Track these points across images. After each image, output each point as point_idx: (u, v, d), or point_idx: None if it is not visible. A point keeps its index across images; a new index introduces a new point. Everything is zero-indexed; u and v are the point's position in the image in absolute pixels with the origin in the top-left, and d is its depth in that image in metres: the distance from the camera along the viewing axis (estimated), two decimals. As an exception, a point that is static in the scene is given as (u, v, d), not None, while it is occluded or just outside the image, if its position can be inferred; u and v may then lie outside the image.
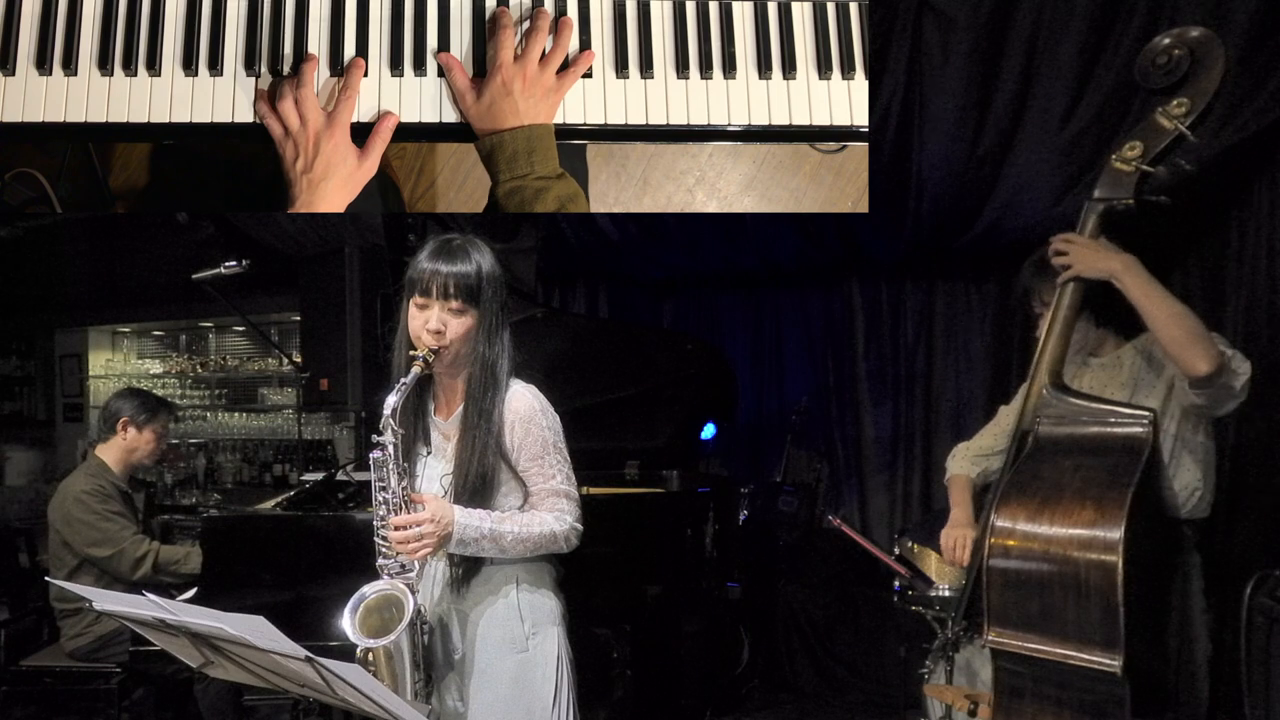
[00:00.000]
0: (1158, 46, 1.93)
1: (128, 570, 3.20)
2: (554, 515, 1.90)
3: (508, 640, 1.90)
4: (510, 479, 1.92)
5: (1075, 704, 1.74)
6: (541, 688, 1.90)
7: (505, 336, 1.94)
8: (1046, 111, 3.29)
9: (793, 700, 4.34)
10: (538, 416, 1.92)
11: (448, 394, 1.98)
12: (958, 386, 4.90)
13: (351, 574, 2.65)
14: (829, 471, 5.17)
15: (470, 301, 1.87)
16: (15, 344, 7.10)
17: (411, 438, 1.95)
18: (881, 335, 5.08)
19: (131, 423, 3.43)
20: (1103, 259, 1.98)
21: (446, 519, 1.80)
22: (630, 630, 3.53)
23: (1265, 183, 3.25)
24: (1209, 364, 1.92)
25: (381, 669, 1.78)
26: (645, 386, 3.86)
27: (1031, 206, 3.58)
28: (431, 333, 1.86)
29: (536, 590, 1.94)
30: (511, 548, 1.86)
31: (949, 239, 4.12)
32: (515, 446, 1.90)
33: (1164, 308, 1.96)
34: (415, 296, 1.88)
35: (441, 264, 1.86)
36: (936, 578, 2.73)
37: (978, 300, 4.86)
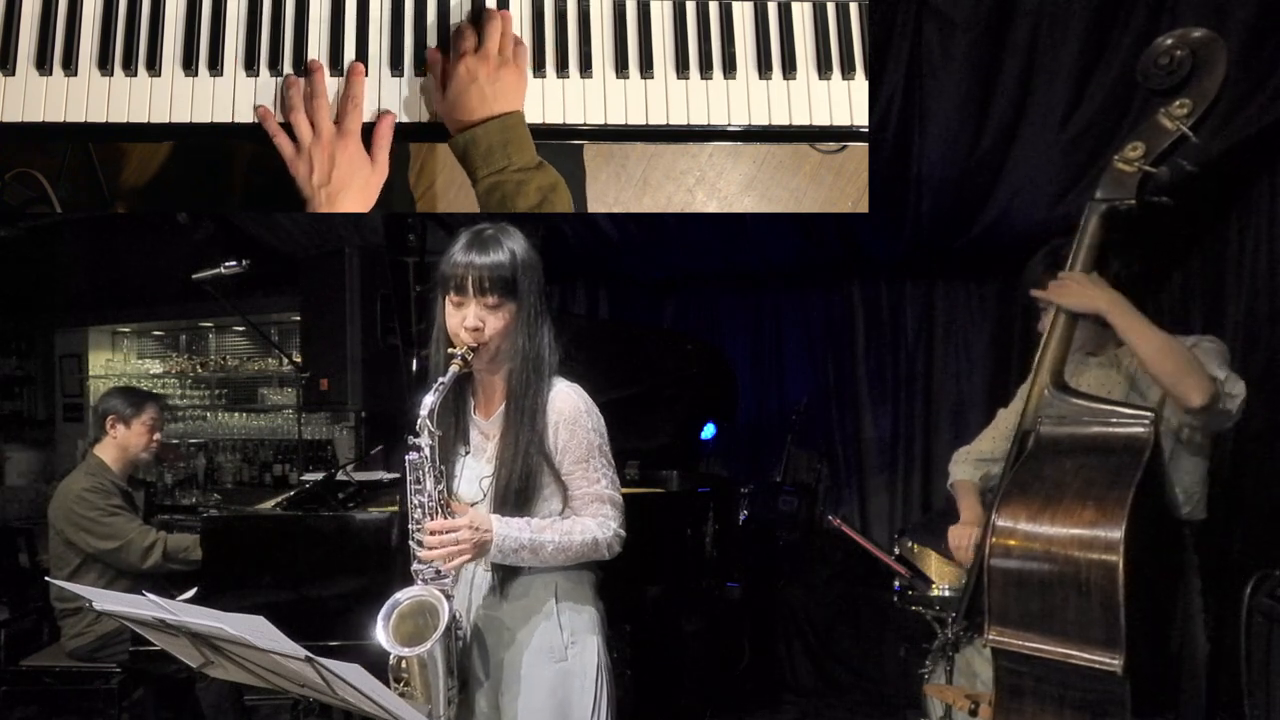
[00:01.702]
0: (1160, 47, 1.93)
1: (137, 560, 3.21)
2: (597, 522, 1.83)
3: (546, 649, 1.83)
4: (552, 482, 1.84)
5: (1076, 703, 1.74)
6: (580, 699, 1.84)
7: (547, 328, 1.86)
8: (1046, 112, 3.29)
9: (793, 700, 4.34)
10: (583, 418, 1.84)
11: (488, 391, 1.91)
12: (958, 386, 4.91)
13: (351, 574, 2.65)
14: (829, 471, 5.17)
15: (508, 295, 1.80)
16: (15, 344, 7.10)
17: (450, 438, 1.88)
18: (881, 335, 5.09)
19: (119, 419, 3.43)
20: (1090, 297, 1.99)
21: (485, 529, 1.73)
22: (630, 630, 3.53)
23: (1265, 183, 3.26)
24: (1202, 396, 1.93)
25: (415, 677, 1.73)
26: (645, 386, 3.86)
27: (1031, 206, 3.59)
28: (470, 330, 1.78)
29: (576, 599, 1.88)
30: (552, 558, 1.79)
31: (949, 239, 4.13)
32: (559, 449, 1.83)
33: (1153, 343, 1.97)
34: (450, 293, 1.81)
35: (475, 256, 1.78)
36: (936, 578, 2.73)
37: (978, 300, 4.87)
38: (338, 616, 2.71)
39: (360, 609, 2.53)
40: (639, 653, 3.58)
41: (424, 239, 3.92)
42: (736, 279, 5.30)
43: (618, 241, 4.59)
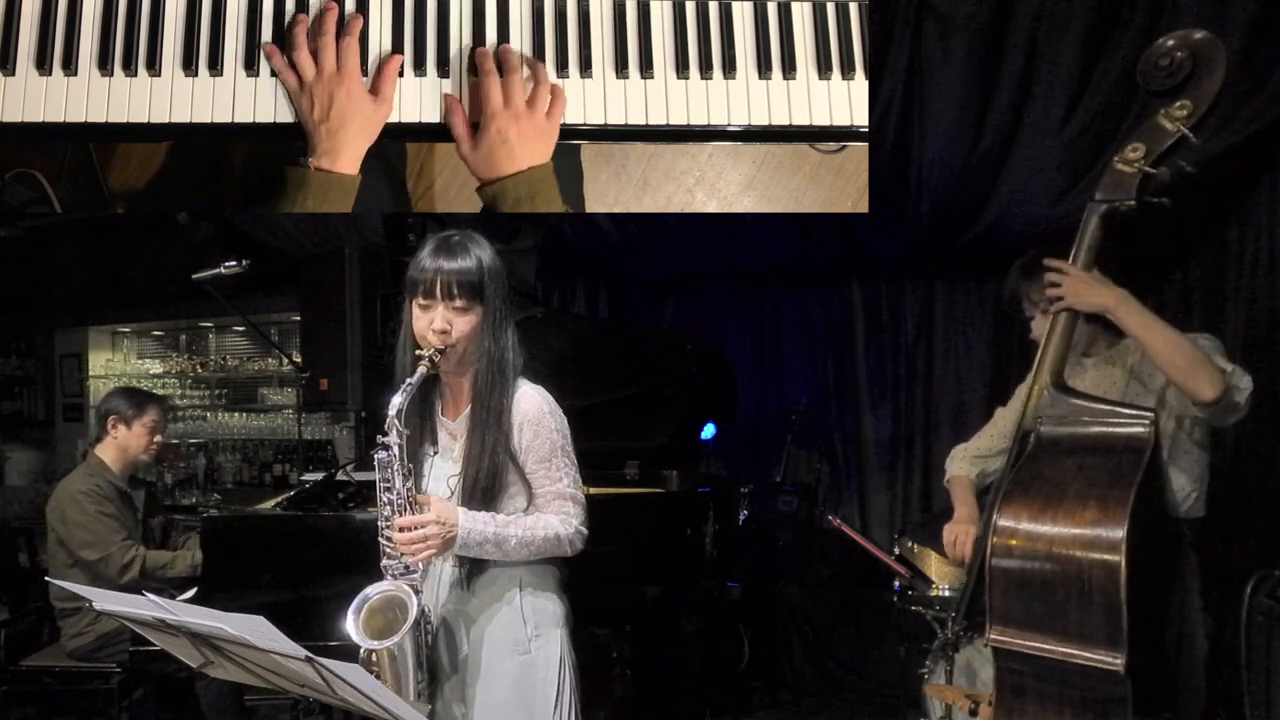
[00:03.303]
0: (1160, 49, 1.93)
1: (115, 574, 3.20)
2: (559, 518, 1.89)
3: (510, 642, 1.89)
4: (517, 480, 1.90)
5: (1077, 702, 1.75)
6: (543, 690, 1.90)
7: (511, 332, 1.92)
8: (1046, 112, 3.29)
9: (793, 700, 4.34)
10: (546, 418, 1.91)
11: (455, 393, 1.97)
12: (958, 386, 4.90)
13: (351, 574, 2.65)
14: (829, 471, 5.16)
15: (474, 298, 1.86)
16: (15, 344, 7.10)
17: (418, 438, 1.94)
18: (881, 335, 5.08)
19: (120, 419, 3.43)
20: (1096, 294, 2.00)
21: (451, 521, 1.79)
22: (630, 630, 3.53)
23: (1265, 183, 3.25)
24: (1214, 390, 1.94)
25: (385, 670, 1.77)
26: (645, 386, 3.86)
27: (1031, 206, 3.58)
28: (437, 333, 1.84)
29: (540, 592, 1.93)
30: (515, 551, 1.84)
31: (949, 239, 4.12)
32: (523, 448, 1.89)
33: (1163, 339, 1.98)
34: (418, 297, 1.87)
35: (443, 262, 1.85)
36: (936, 578, 2.73)
37: (978, 300, 4.86)
38: (338, 616, 2.70)
39: (360, 609, 2.52)
40: (639, 653, 3.58)
41: (424, 239, 3.92)
42: (736, 279, 5.29)
43: (618, 241, 4.59)
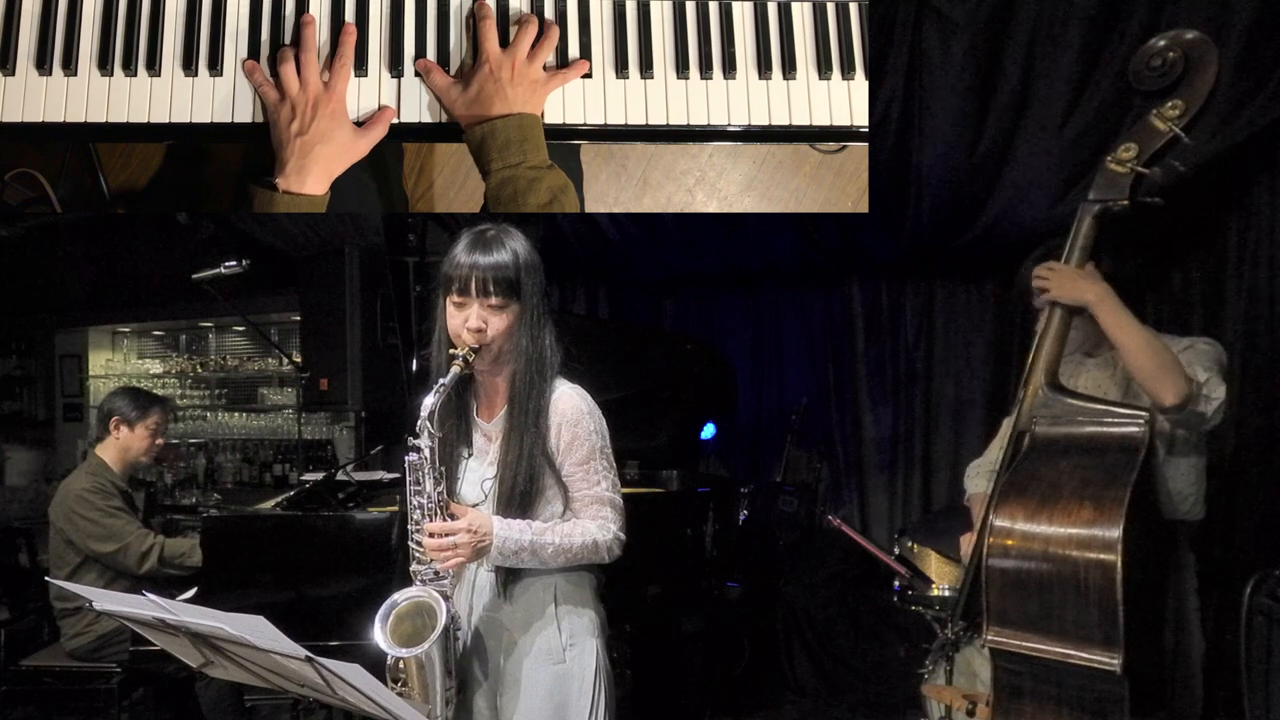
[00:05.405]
0: (1152, 49, 1.94)
1: (134, 564, 3.21)
2: (597, 524, 1.83)
3: (545, 651, 1.83)
4: (554, 484, 1.83)
5: (1075, 703, 1.75)
6: (578, 701, 1.83)
7: (549, 329, 1.86)
8: (1046, 112, 3.29)
9: (793, 700, 4.34)
10: (585, 419, 1.84)
11: (490, 393, 1.90)
12: (958, 386, 4.90)
13: (351, 574, 2.65)
14: (829, 471, 5.17)
15: (511, 295, 1.79)
16: (15, 344, 7.10)
17: (452, 440, 1.87)
18: (881, 335, 5.08)
19: (123, 420, 3.43)
20: (1078, 288, 2.00)
21: (484, 530, 1.73)
22: (630, 630, 3.52)
23: (1265, 184, 3.26)
24: (1176, 396, 1.96)
25: (412, 678, 1.74)
26: (645, 386, 3.85)
27: (1031, 206, 3.59)
28: (472, 331, 1.78)
29: (576, 602, 1.87)
30: (552, 559, 1.78)
31: (949, 239, 4.12)
32: (560, 450, 1.82)
33: (1134, 338, 2.00)
34: (452, 294, 1.80)
35: (478, 257, 1.78)
36: (936, 578, 2.74)
37: (978, 300, 4.86)
38: (338, 616, 2.71)
39: (360, 609, 2.52)
40: (639, 653, 3.57)
41: (424, 239, 3.92)
42: (736, 279, 5.29)
43: (618, 241, 4.59)
